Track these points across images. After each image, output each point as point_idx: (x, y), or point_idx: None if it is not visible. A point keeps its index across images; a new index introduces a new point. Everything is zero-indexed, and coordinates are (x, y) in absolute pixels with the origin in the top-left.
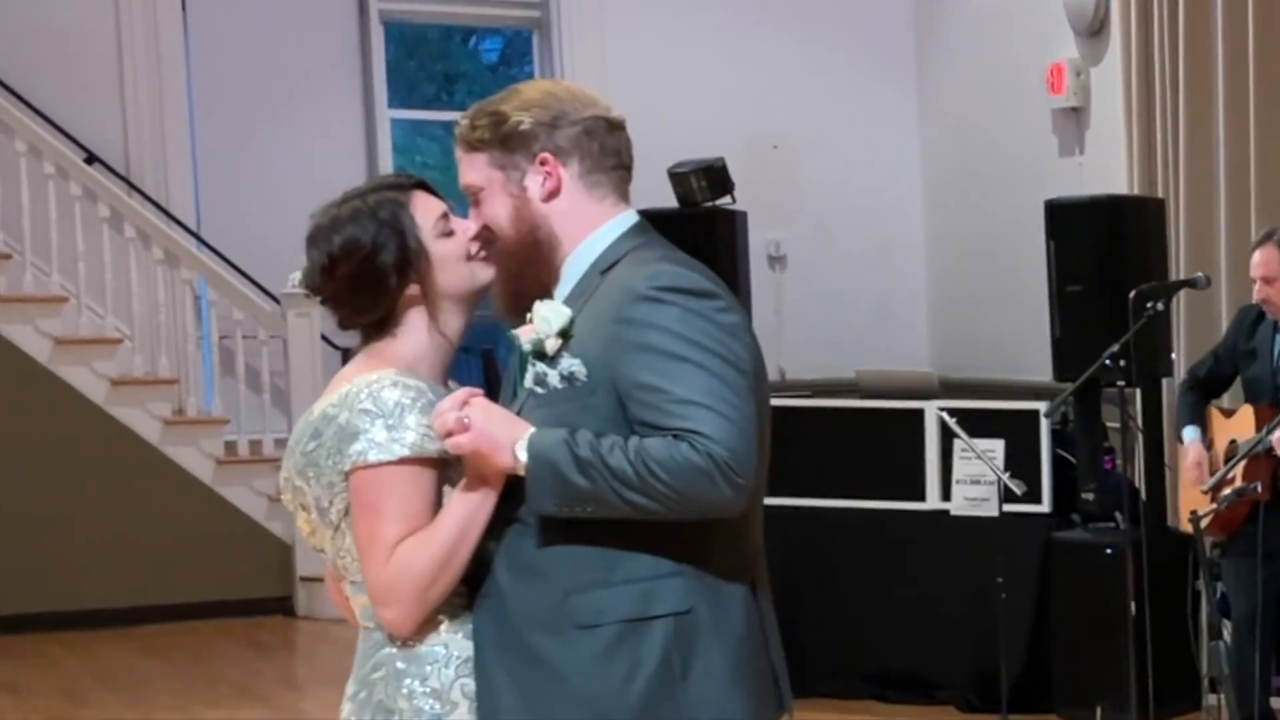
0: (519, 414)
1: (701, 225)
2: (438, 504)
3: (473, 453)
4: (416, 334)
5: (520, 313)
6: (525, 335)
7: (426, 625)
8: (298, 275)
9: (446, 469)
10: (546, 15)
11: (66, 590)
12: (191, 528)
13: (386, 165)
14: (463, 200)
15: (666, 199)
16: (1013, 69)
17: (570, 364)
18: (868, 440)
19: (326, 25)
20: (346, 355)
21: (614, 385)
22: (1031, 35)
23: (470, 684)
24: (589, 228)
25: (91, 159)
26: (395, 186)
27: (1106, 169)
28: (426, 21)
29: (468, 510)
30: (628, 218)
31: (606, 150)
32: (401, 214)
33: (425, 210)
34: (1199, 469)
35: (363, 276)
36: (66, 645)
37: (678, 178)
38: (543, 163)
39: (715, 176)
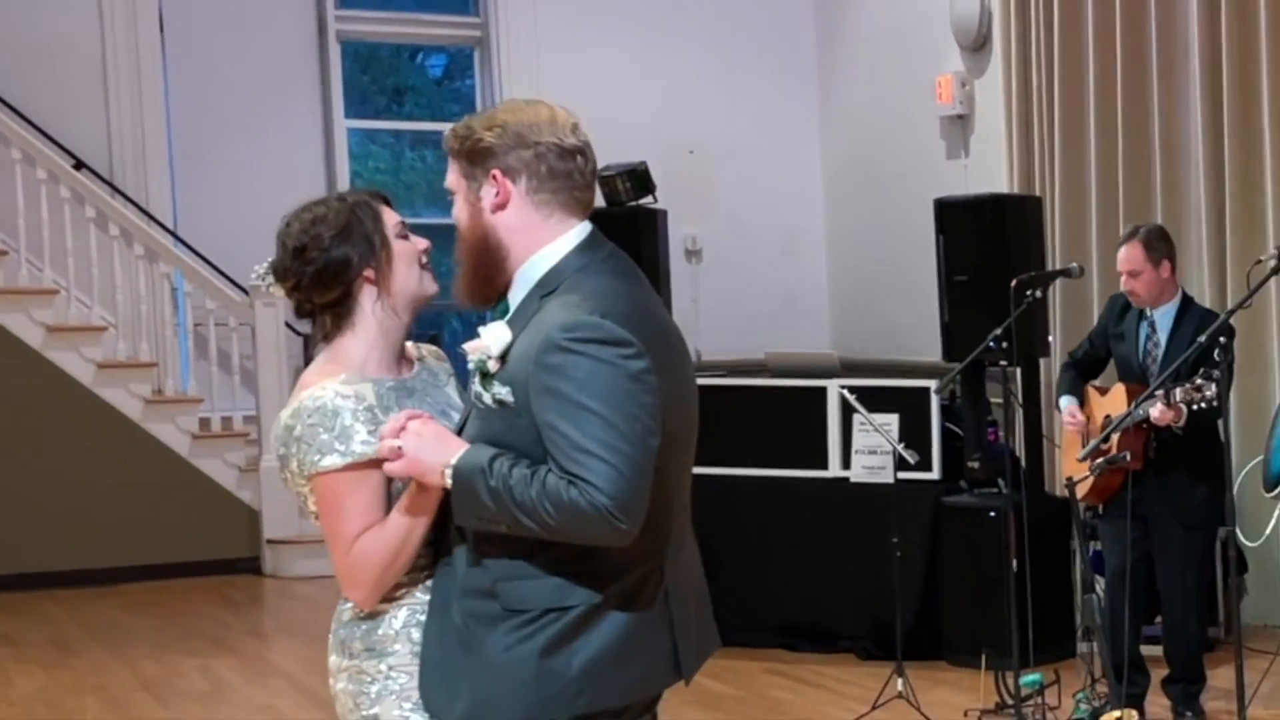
0: (468, 418)
1: (627, 223)
2: (389, 493)
3: (406, 476)
4: (367, 327)
5: (478, 302)
6: (472, 353)
7: (396, 587)
8: (262, 267)
9: None
10: (486, 34)
11: (57, 552)
12: (169, 496)
13: (343, 170)
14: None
15: (596, 199)
16: (904, 80)
17: (500, 391)
18: (776, 415)
19: (289, 44)
20: (308, 341)
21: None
22: (921, 50)
23: (416, 633)
24: (537, 242)
25: (79, 165)
26: (368, 194)
27: (989, 170)
28: (378, 40)
29: (414, 514)
30: (576, 234)
31: (555, 174)
32: (370, 209)
33: (389, 215)
34: (1074, 418)
35: (332, 255)
36: (57, 601)
37: (605, 180)
38: (494, 178)
39: (639, 179)
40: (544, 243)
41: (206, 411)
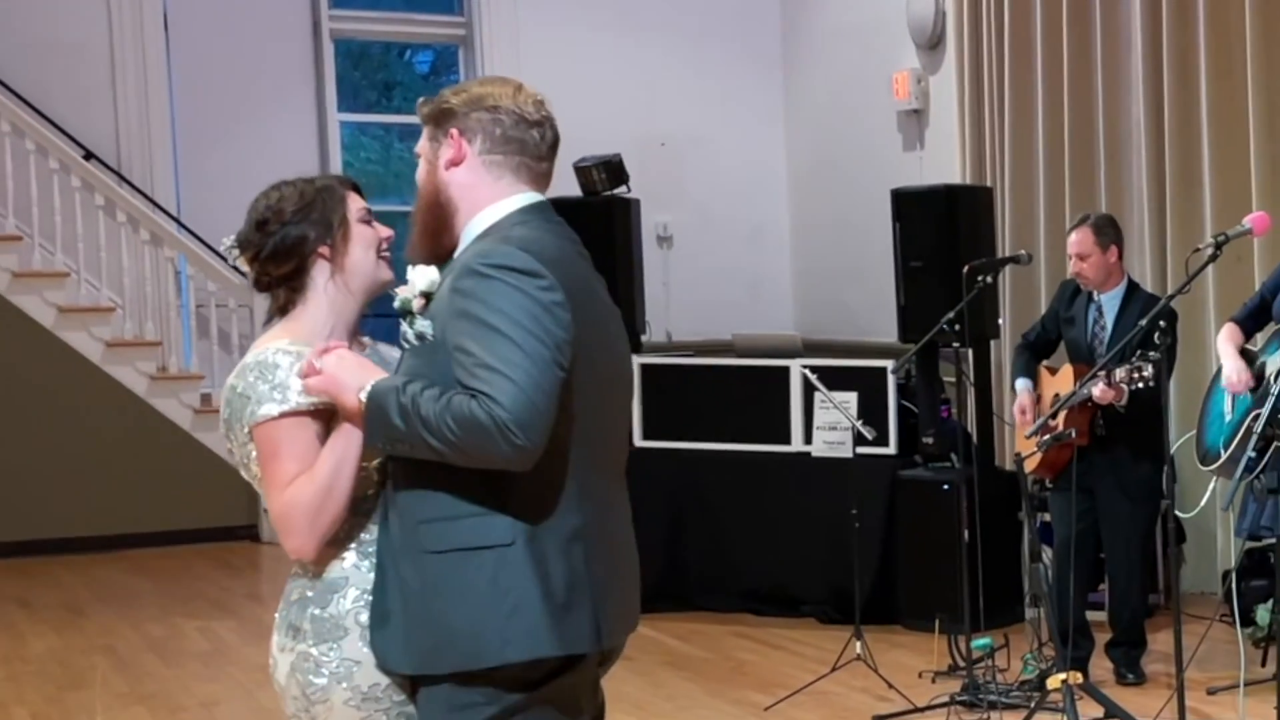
0: (401, 360)
1: (601, 211)
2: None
3: (323, 392)
4: (319, 302)
5: (428, 260)
6: (400, 294)
7: (333, 557)
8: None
9: (330, 418)
10: (470, 33)
11: (68, 519)
12: (173, 466)
13: (336, 160)
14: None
15: (572, 189)
16: (863, 77)
17: (421, 325)
18: (742, 393)
19: (286, 42)
20: None
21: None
22: (879, 48)
23: (364, 614)
24: (483, 201)
25: (89, 156)
26: (337, 180)
27: (943, 162)
28: (369, 39)
29: (340, 449)
30: (522, 199)
31: (509, 139)
32: (334, 193)
33: (354, 200)
34: (1024, 414)
35: (290, 230)
36: (68, 566)
37: (581, 171)
38: (452, 136)
39: (613, 169)
40: (490, 201)
41: (207, 388)
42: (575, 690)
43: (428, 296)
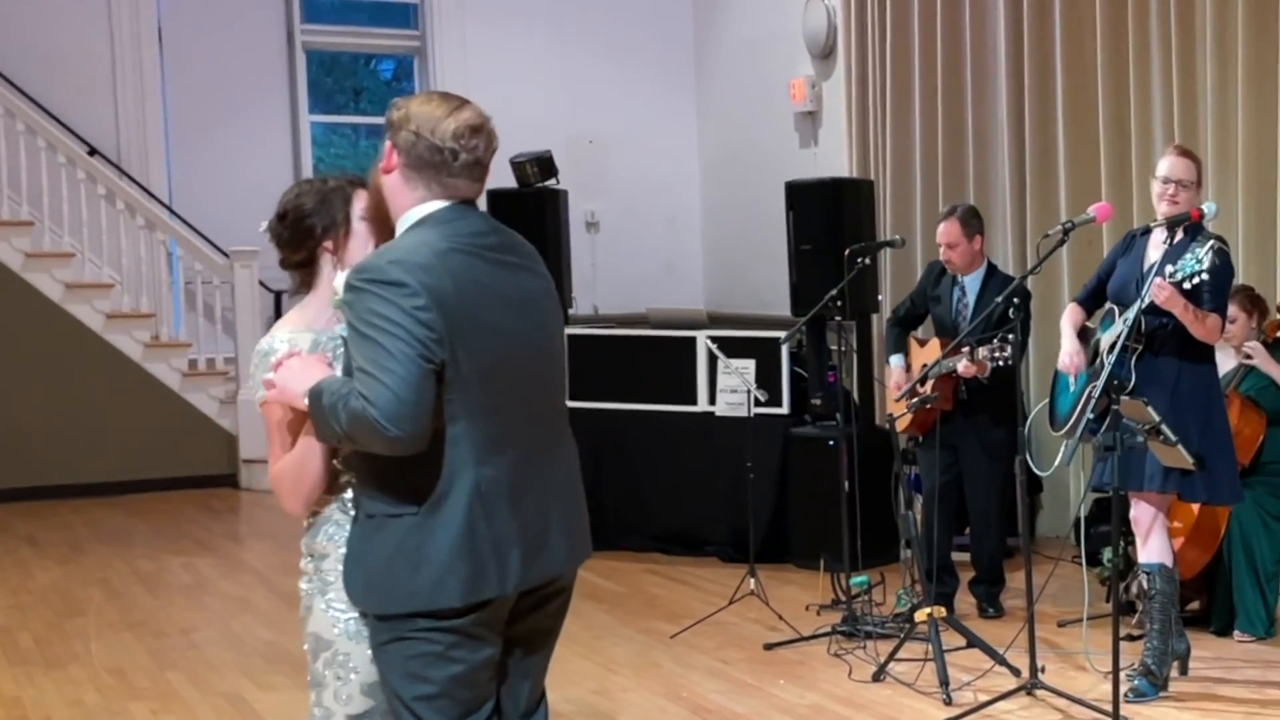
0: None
1: (534, 201)
2: None
3: (279, 401)
4: (322, 294)
5: (380, 242)
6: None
7: (327, 502)
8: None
9: None
10: (425, 45)
11: (73, 467)
12: (164, 422)
13: (307, 159)
14: None
15: (509, 181)
16: (766, 82)
17: (341, 328)
18: (654, 359)
19: (264, 52)
20: (278, 297)
21: None
22: (779, 57)
23: (340, 546)
24: (405, 204)
25: (92, 151)
26: (350, 181)
27: (834, 158)
28: (338, 49)
29: (307, 435)
30: (426, 207)
31: (423, 160)
32: (344, 194)
33: (361, 199)
34: (898, 388)
35: (300, 223)
36: (72, 509)
37: (516, 165)
38: (388, 147)
39: (544, 164)
40: (409, 207)
41: (194, 354)
42: (489, 625)
43: None
